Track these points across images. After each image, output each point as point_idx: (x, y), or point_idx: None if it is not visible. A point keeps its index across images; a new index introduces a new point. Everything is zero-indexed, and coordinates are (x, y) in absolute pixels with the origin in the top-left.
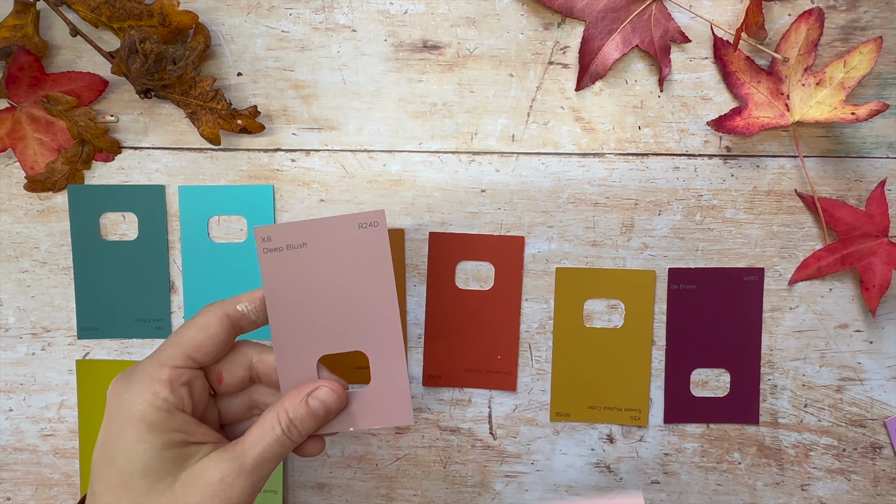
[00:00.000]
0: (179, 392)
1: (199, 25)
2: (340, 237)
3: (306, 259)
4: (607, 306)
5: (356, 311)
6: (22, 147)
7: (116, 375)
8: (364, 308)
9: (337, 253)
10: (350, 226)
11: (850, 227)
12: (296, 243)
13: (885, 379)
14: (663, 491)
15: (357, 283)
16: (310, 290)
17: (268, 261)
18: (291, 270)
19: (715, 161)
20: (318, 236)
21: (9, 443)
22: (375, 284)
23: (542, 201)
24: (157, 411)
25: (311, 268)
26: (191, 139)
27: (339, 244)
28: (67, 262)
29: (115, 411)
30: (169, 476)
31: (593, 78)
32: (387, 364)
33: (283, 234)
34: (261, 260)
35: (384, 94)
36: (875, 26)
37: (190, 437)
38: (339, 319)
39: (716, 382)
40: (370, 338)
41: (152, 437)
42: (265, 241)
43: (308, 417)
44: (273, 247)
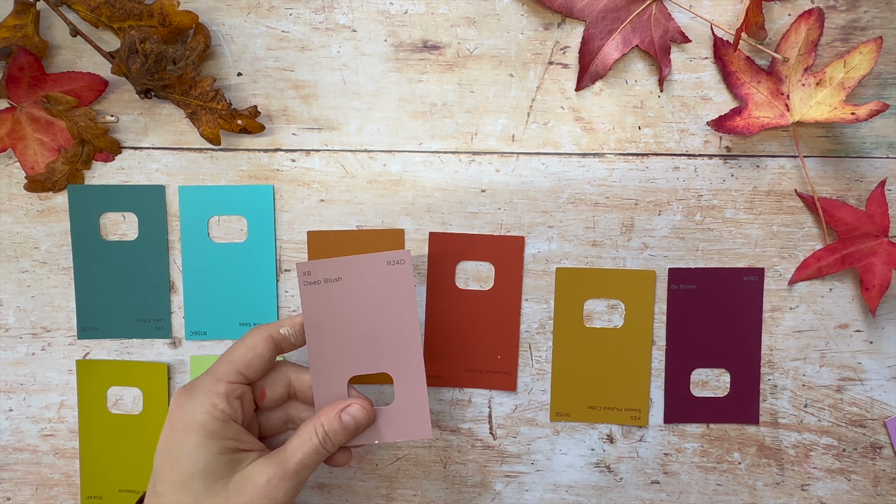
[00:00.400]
0: (234, 404)
1: (199, 25)
2: (371, 272)
3: (341, 291)
4: (607, 306)
5: (383, 337)
6: (22, 147)
7: (178, 389)
8: (390, 335)
9: (368, 286)
10: (380, 263)
11: (850, 227)
12: (332, 277)
13: (885, 379)
14: (663, 491)
15: (384, 312)
16: (343, 318)
17: (307, 292)
18: (328, 301)
19: (715, 161)
20: (352, 271)
21: (9, 443)
22: (400, 314)
23: (542, 201)
24: (216, 421)
25: (345, 299)
26: (191, 139)
27: (370, 279)
28: (67, 262)
29: (178, 420)
30: (223, 478)
31: (593, 78)
32: (409, 384)
33: (321, 269)
34: (301, 291)
35: (384, 94)
36: (875, 26)
37: (241, 444)
38: (368, 344)
39: (716, 382)
40: (395, 361)
41: (211, 443)
42: (306, 274)
43: (341, 430)
44: (312, 280)
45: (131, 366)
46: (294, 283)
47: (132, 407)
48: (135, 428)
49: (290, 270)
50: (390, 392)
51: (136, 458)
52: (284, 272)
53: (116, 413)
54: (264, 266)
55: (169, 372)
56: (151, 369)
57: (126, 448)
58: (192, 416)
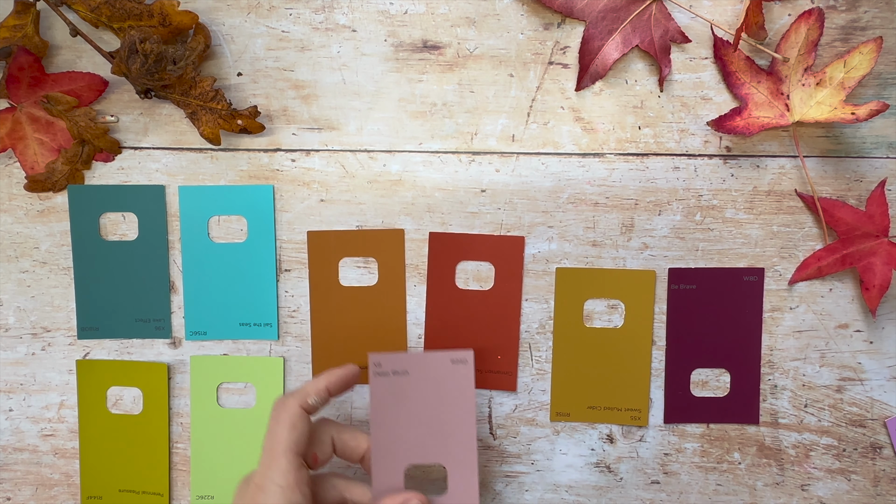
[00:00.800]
0: (304, 491)
1: (199, 25)
2: (436, 369)
3: (407, 384)
4: (607, 306)
5: (441, 429)
6: (22, 147)
7: (245, 485)
8: (448, 428)
9: (432, 381)
10: (444, 361)
11: (850, 227)
12: (400, 370)
13: (885, 379)
14: (663, 491)
15: (445, 406)
16: (407, 409)
17: (377, 382)
18: (394, 392)
19: (715, 161)
20: (419, 367)
21: (9, 443)
22: (459, 409)
23: (542, 201)
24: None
25: (410, 391)
26: (191, 139)
27: (435, 374)
28: (67, 262)
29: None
30: None
31: (593, 78)
32: (462, 477)
33: (391, 362)
34: (371, 381)
35: (384, 94)
36: (875, 26)
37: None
38: (427, 435)
39: (716, 382)
40: (450, 453)
41: None
42: (376, 366)
43: None
44: (382, 371)
45: (131, 366)
46: (293, 283)
47: (132, 407)
48: (135, 428)
49: (290, 270)
50: None
51: (136, 458)
52: (284, 272)
53: (116, 413)
54: (264, 266)
55: (169, 372)
56: (151, 369)
57: (126, 448)
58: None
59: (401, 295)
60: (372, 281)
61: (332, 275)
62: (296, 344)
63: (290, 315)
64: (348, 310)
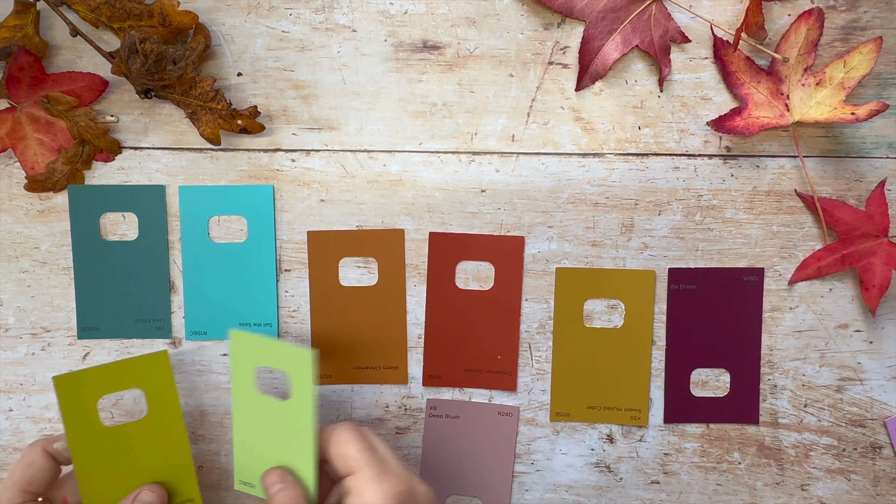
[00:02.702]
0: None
1: (199, 25)
2: (484, 416)
3: (457, 427)
4: (607, 306)
5: (481, 467)
6: (22, 147)
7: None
8: (486, 467)
9: (479, 426)
10: (493, 411)
11: (850, 227)
12: (452, 414)
13: (885, 379)
14: (663, 491)
15: (486, 449)
16: (453, 448)
17: (430, 423)
18: (445, 433)
19: (715, 161)
20: (469, 413)
21: (9, 443)
22: (499, 453)
23: (542, 201)
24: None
25: (459, 433)
26: (191, 139)
27: (482, 421)
28: (67, 262)
29: None
30: None
31: (593, 78)
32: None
33: (445, 407)
34: (426, 422)
35: (384, 94)
36: (875, 26)
37: None
38: (469, 472)
39: (716, 382)
40: (486, 489)
41: None
42: (432, 409)
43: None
44: (436, 413)
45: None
46: (294, 283)
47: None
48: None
49: (290, 270)
50: (389, 392)
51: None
52: (284, 272)
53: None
54: (264, 266)
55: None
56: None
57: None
58: None
59: (401, 295)
60: (372, 281)
61: (332, 275)
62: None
63: (290, 315)
64: (348, 310)
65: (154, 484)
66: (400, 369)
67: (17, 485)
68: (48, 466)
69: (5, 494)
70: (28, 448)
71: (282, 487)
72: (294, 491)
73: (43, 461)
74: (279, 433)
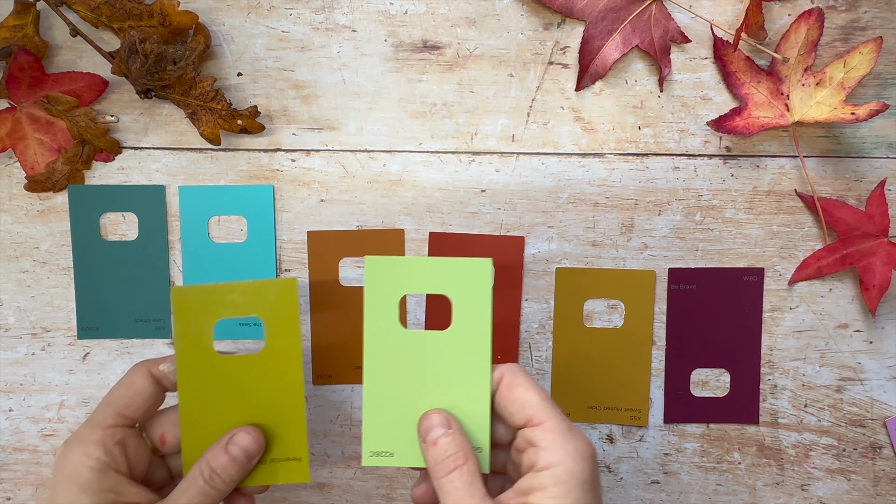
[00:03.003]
0: (113, 452)
1: (199, 25)
2: None
3: None
4: (607, 306)
5: None
6: (22, 147)
7: None
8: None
9: None
10: None
11: (850, 227)
12: None
13: (885, 379)
14: (663, 491)
15: None
16: None
17: None
18: None
19: (715, 161)
20: None
21: (9, 443)
22: None
23: (542, 201)
24: (91, 471)
25: None
26: (191, 139)
27: None
28: (67, 262)
29: (55, 474)
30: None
31: (593, 78)
32: None
33: None
34: None
35: (384, 94)
36: (875, 26)
37: (122, 497)
38: None
39: (716, 382)
40: None
41: (84, 497)
42: None
43: (230, 464)
44: None
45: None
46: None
47: None
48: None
49: (290, 270)
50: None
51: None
52: (284, 272)
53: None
54: (264, 266)
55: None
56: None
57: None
58: (64, 469)
59: None
60: None
61: (332, 275)
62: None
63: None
64: (348, 310)
65: (252, 426)
66: None
67: (113, 405)
68: (150, 391)
69: (99, 412)
70: (131, 368)
71: (446, 432)
72: (462, 438)
73: (145, 383)
74: (436, 373)
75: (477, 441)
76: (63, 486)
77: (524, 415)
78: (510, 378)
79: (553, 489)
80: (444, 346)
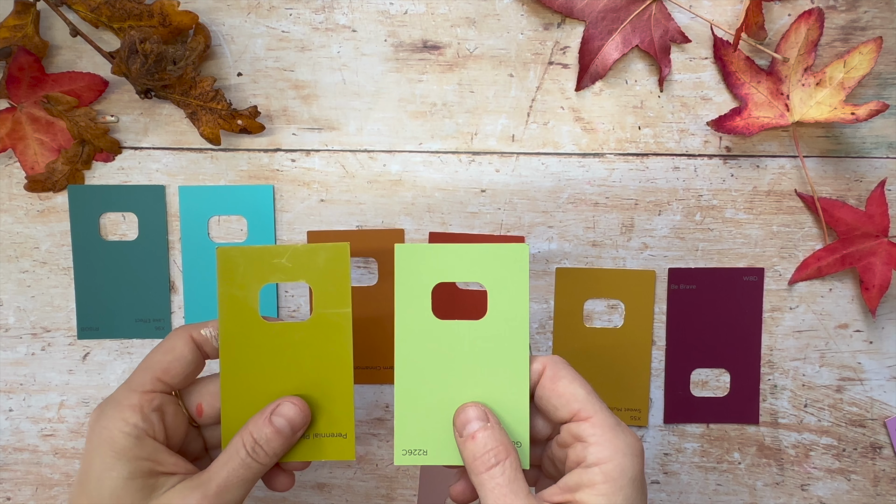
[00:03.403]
0: (150, 418)
1: (199, 25)
2: None
3: None
4: (607, 306)
5: None
6: (22, 147)
7: None
8: None
9: None
10: None
11: (850, 227)
12: None
13: (885, 379)
14: (663, 491)
15: None
16: None
17: None
18: None
19: (715, 161)
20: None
21: (9, 443)
22: None
23: (542, 201)
24: (127, 437)
25: None
26: (191, 139)
27: None
28: (67, 262)
29: (90, 440)
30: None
31: (593, 78)
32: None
33: None
34: None
35: (384, 94)
36: (875, 26)
37: (159, 466)
38: None
39: (716, 382)
40: None
41: (120, 465)
42: None
43: (273, 436)
44: None
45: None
46: (294, 283)
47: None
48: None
49: None
50: (389, 392)
51: None
52: None
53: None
54: None
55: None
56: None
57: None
58: (99, 435)
59: None
60: (372, 281)
61: None
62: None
63: (291, 315)
64: None
65: (297, 397)
66: None
67: (152, 369)
68: (191, 357)
69: (137, 377)
70: (171, 333)
71: (485, 426)
72: (502, 432)
73: (186, 348)
74: (471, 365)
75: (516, 435)
76: (97, 453)
77: (570, 409)
78: (553, 370)
79: (603, 486)
80: (479, 336)
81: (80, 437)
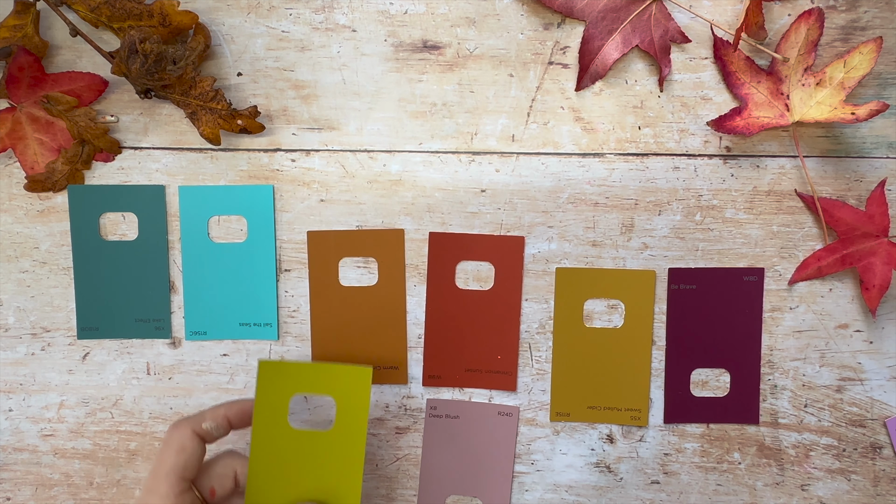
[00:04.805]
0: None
1: (199, 25)
2: (484, 416)
3: (457, 427)
4: (607, 306)
5: (480, 469)
6: (22, 147)
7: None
8: (486, 468)
9: (479, 427)
10: (493, 412)
11: (850, 227)
12: (452, 414)
13: (885, 379)
14: (663, 491)
15: (486, 449)
16: (453, 449)
17: (430, 423)
18: (444, 433)
19: (715, 161)
20: (469, 413)
21: (9, 443)
22: (499, 454)
23: (542, 201)
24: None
25: (459, 433)
26: (191, 139)
27: (482, 421)
28: (67, 262)
29: None
30: None
31: (593, 78)
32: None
33: (445, 407)
34: (426, 421)
35: (384, 94)
36: (875, 26)
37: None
38: (468, 473)
39: (716, 382)
40: (486, 489)
41: None
42: (432, 409)
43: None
44: (436, 413)
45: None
46: (293, 283)
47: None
48: None
49: (290, 270)
50: (389, 392)
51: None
52: (284, 272)
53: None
54: (264, 266)
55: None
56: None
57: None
58: None
59: (401, 295)
60: (372, 281)
61: (332, 275)
62: (296, 344)
63: (290, 315)
64: (348, 310)
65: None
66: (400, 369)
67: (175, 472)
68: (200, 451)
69: (163, 484)
70: (173, 430)
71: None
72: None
73: (194, 444)
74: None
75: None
76: None
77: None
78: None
79: None
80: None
81: (80, 436)
